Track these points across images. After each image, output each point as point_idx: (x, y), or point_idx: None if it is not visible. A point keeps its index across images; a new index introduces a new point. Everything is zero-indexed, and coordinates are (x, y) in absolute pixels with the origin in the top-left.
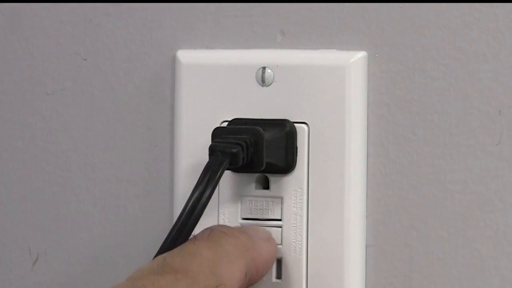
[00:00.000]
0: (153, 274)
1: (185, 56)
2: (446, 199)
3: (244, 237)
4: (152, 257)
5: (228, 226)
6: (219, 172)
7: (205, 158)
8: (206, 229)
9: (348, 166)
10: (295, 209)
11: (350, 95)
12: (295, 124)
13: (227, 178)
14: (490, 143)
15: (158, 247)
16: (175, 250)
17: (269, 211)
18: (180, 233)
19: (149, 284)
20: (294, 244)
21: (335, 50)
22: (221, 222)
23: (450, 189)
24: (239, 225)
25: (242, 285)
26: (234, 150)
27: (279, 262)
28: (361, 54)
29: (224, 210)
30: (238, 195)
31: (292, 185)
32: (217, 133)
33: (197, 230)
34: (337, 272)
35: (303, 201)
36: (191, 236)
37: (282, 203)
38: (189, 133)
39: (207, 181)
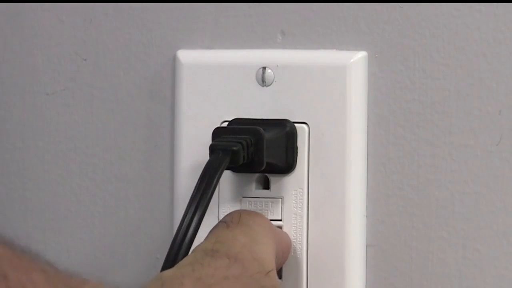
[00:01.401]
0: (208, 256)
1: (185, 56)
2: (446, 199)
3: (269, 222)
4: (152, 257)
5: (253, 212)
6: (220, 170)
7: (205, 157)
8: (233, 213)
9: (348, 166)
10: (295, 209)
11: (350, 95)
12: (296, 124)
13: (227, 178)
14: (490, 143)
15: (158, 246)
16: (212, 237)
17: (269, 211)
18: (182, 242)
19: (206, 264)
20: (295, 244)
21: (335, 50)
22: None
23: (450, 189)
24: None
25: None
26: (235, 148)
27: None
28: (361, 54)
29: (225, 210)
30: (238, 195)
31: (292, 185)
32: (218, 133)
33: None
34: (337, 272)
35: (303, 201)
36: (220, 222)
37: (282, 203)
38: (189, 133)
39: (207, 182)
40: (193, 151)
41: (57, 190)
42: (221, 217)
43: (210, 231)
